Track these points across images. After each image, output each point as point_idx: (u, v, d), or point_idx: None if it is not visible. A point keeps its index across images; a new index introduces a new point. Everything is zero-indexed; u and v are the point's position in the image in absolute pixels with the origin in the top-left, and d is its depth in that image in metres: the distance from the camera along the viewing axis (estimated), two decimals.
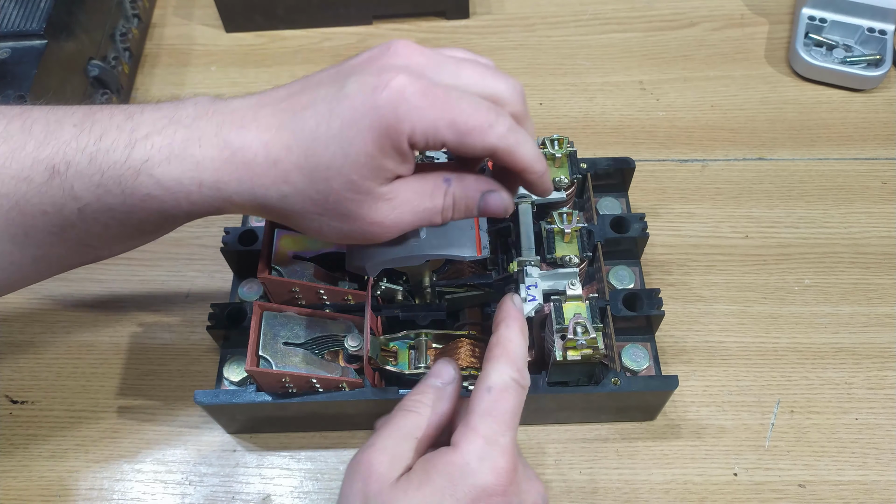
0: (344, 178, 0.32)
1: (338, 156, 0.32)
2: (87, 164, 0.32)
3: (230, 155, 0.32)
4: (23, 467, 0.48)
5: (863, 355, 0.50)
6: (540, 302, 0.42)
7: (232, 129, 0.33)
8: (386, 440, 0.35)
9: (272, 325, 0.43)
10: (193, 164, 0.32)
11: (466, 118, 0.32)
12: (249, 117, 0.33)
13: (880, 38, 0.63)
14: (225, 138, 0.33)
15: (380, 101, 0.31)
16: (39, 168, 0.33)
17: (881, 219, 0.56)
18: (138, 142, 0.33)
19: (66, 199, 0.33)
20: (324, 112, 0.32)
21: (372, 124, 0.31)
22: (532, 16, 0.70)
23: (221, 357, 0.49)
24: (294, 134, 0.32)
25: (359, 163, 0.32)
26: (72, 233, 0.34)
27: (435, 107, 0.31)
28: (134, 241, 0.37)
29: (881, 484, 0.46)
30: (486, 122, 0.32)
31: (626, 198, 0.54)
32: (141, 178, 0.32)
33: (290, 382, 0.42)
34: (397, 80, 0.31)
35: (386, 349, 0.44)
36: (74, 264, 0.38)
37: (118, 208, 0.33)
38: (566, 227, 0.45)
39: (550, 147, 0.48)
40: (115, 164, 0.32)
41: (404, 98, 0.31)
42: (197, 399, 0.43)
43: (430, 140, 0.32)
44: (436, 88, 0.32)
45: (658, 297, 0.46)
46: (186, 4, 0.72)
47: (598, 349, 0.39)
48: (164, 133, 0.33)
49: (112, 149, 0.32)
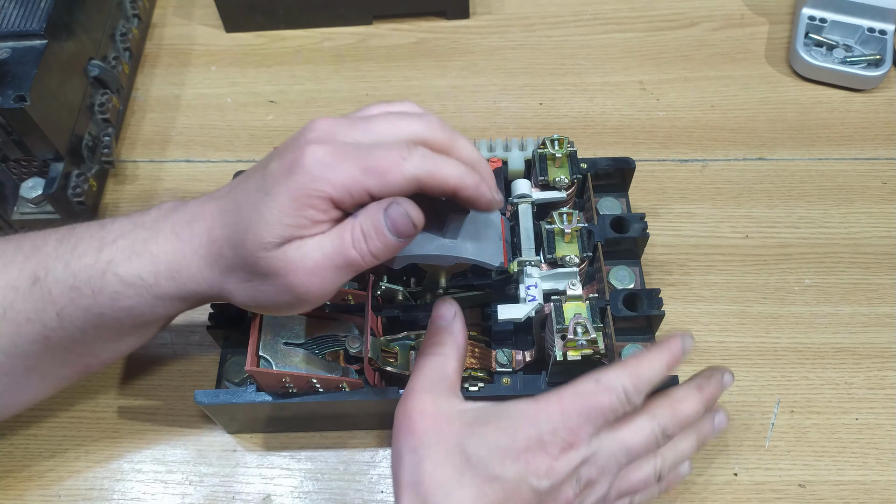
0: (256, 237, 0.34)
1: (253, 219, 0.34)
2: (63, 269, 0.37)
3: (181, 246, 0.36)
4: (23, 467, 0.48)
5: (863, 355, 0.50)
6: (540, 302, 0.42)
7: (184, 225, 0.37)
8: (422, 382, 0.38)
9: (272, 325, 0.43)
10: (150, 258, 0.36)
11: (378, 161, 0.34)
12: (198, 212, 0.37)
13: (880, 38, 0.63)
14: (178, 233, 0.36)
15: (294, 169, 0.33)
16: (24, 276, 0.37)
17: (881, 219, 0.56)
18: (106, 245, 0.37)
19: (45, 304, 0.37)
20: (251, 189, 0.35)
21: (289, 189, 0.33)
22: (532, 16, 0.70)
23: (221, 357, 0.49)
24: (225, 214, 0.36)
25: (270, 221, 0.33)
26: (54, 338, 0.38)
27: (347, 160, 0.34)
28: (116, 345, 0.40)
29: (881, 484, 0.46)
30: (398, 157, 0.34)
31: (626, 198, 0.54)
32: (107, 276, 0.36)
33: (291, 382, 0.42)
34: (310, 149, 0.34)
35: (386, 350, 0.44)
36: (67, 376, 0.41)
37: (91, 309, 0.37)
38: (566, 227, 0.45)
39: (550, 147, 0.48)
40: (85, 267, 0.36)
41: (317, 161, 0.33)
42: (197, 399, 0.43)
43: (354, 192, 0.34)
44: (346, 146, 0.34)
45: (658, 298, 0.46)
46: (186, 4, 0.72)
47: (599, 349, 0.39)
48: (128, 236, 0.37)
49: (84, 253, 0.37)
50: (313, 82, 0.66)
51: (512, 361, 0.45)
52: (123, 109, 0.63)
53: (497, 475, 0.35)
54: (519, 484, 0.35)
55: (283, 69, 0.67)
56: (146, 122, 0.64)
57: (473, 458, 0.35)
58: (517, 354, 0.45)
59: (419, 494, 0.35)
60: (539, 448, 0.35)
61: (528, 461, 0.35)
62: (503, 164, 0.50)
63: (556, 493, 0.36)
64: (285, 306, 0.36)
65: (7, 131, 0.51)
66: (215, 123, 0.64)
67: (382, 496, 0.46)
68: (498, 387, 0.43)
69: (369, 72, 0.66)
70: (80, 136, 0.56)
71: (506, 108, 0.64)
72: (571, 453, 0.36)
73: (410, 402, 0.38)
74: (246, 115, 0.64)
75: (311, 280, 0.34)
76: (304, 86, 0.66)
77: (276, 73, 0.67)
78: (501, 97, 0.64)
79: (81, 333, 0.38)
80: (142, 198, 0.59)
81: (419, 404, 0.37)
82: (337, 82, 0.66)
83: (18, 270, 0.37)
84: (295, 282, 0.34)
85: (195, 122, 0.64)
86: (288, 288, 0.35)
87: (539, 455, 0.35)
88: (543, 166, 0.48)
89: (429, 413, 0.37)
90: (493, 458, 0.35)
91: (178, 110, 0.65)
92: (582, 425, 0.36)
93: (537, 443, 0.35)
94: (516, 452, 0.35)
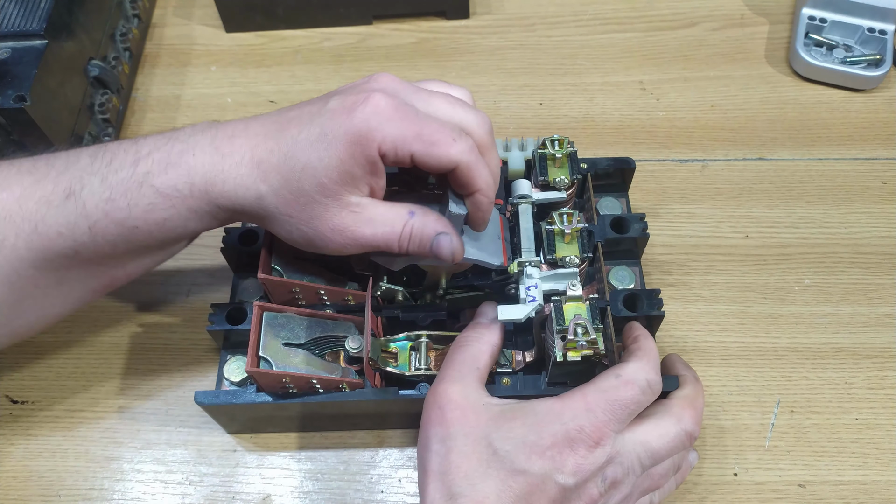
0: (315, 179, 0.36)
1: (312, 159, 0.35)
2: (99, 183, 0.37)
3: (219, 159, 0.37)
4: (23, 467, 0.48)
5: (863, 355, 0.50)
6: (540, 303, 0.42)
7: (224, 140, 0.37)
8: (453, 372, 0.39)
9: (272, 326, 0.43)
10: (186, 169, 0.37)
11: (432, 132, 0.36)
12: (240, 129, 0.38)
13: (880, 38, 0.63)
14: (216, 147, 0.37)
15: (356, 113, 0.35)
16: (58, 190, 0.37)
17: (881, 219, 0.56)
18: (142, 159, 0.37)
19: (77, 218, 0.37)
20: (306, 122, 0.36)
21: (347, 132, 0.35)
22: (532, 16, 0.70)
23: (222, 357, 0.49)
24: (277, 141, 0.36)
25: (331, 167, 0.35)
26: (84, 253, 0.38)
27: (405, 120, 0.35)
28: (143, 259, 0.41)
29: (881, 484, 0.46)
30: (449, 137, 0.36)
31: (626, 198, 0.54)
32: (143, 189, 0.37)
33: (291, 383, 0.42)
34: (374, 97, 0.35)
35: (386, 350, 0.44)
36: (94, 290, 0.41)
37: (125, 223, 0.37)
38: (566, 227, 0.45)
39: (551, 147, 0.48)
40: (121, 181, 0.37)
41: (378, 111, 0.35)
42: (197, 399, 0.43)
43: (399, 150, 0.35)
44: (407, 107, 0.36)
45: (658, 298, 0.46)
46: (186, 4, 0.72)
47: (599, 350, 0.39)
48: (163, 149, 0.37)
49: (119, 167, 0.37)
50: (313, 82, 0.66)
51: (512, 362, 0.45)
52: (123, 109, 0.63)
53: (523, 469, 0.35)
54: (545, 479, 0.35)
55: (282, 69, 0.67)
56: (146, 122, 0.64)
57: (500, 451, 0.36)
58: (517, 355, 0.45)
59: (445, 484, 0.36)
60: (566, 445, 0.36)
61: (555, 458, 0.36)
62: (503, 164, 0.49)
63: (581, 490, 0.36)
64: (307, 244, 0.38)
65: (7, 131, 0.51)
66: None
67: (382, 496, 0.46)
68: (498, 387, 0.43)
69: (369, 72, 0.65)
70: (81, 136, 0.56)
71: (506, 108, 0.64)
72: (598, 451, 0.36)
73: (440, 390, 0.39)
74: (246, 114, 0.63)
75: (349, 242, 0.37)
76: (304, 86, 0.66)
77: (276, 73, 0.67)
78: (501, 97, 0.64)
79: (112, 247, 0.38)
80: None
81: (449, 393, 0.38)
82: (337, 82, 0.66)
83: (52, 185, 0.37)
84: (337, 239, 0.37)
85: (195, 121, 0.63)
86: (325, 238, 0.37)
87: (566, 452, 0.36)
88: (543, 166, 0.48)
89: (457, 403, 0.38)
90: (518, 452, 0.36)
91: (178, 110, 0.65)
92: (607, 422, 0.36)
93: (564, 440, 0.36)
94: (542, 448, 0.36)
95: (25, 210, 0.37)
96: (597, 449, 0.36)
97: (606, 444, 0.36)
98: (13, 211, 0.37)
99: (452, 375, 0.39)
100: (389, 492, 0.46)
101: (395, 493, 0.46)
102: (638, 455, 0.38)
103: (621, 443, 0.37)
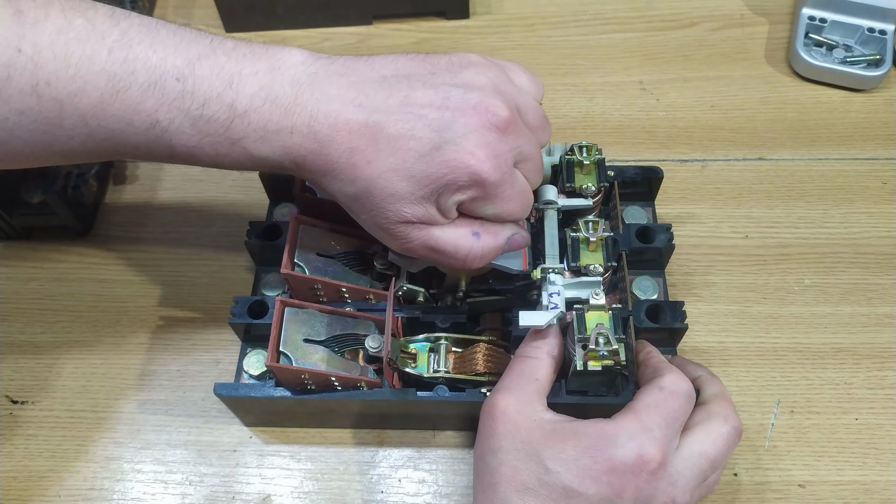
0: (404, 182, 0.35)
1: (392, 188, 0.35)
2: (189, 126, 0.35)
3: (318, 147, 0.35)
4: (23, 467, 0.48)
5: (863, 355, 0.50)
6: (562, 310, 0.41)
7: (324, 124, 0.35)
8: (511, 384, 0.39)
9: (293, 321, 0.43)
10: (282, 148, 0.35)
11: (507, 212, 0.38)
12: (341, 112, 0.35)
13: (880, 38, 0.63)
14: (315, 132, 0.35)
15: (476, 154, 0.35)
16: (143, 118, 0.34)
17: (881, 219, 0.56)
18: (237, 117, 0.35)
19: (161, 148, 0.35)
20: (419, 128, 0.35)
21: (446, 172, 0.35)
22: (532, 16, 0.70)
23: (241, 350, 0.49)
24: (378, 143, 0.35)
25: (423, 181, 0.35)
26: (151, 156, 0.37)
27: (498, 194, 0.37)
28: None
29: (881, 484, 0.46)
30: (513, 217, 0.38)
31: (652, 207, 0.54)
32: (235, 148, 0.35)
33: (310, 379, 0.42)
34: (482, 161, 0.35)
35: (405, 351, 0.44)
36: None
37: (207, 162, 0.36)
38: (591, 235, 0.44)
39: (578, 153, 0.46)
40: (213, 133, 0.35)
41: (482, 177, 0.35)
42: (216, 391, 0.43)
43: (470, 208, 0.37)
44: (503, 181, 0.36)
45: (682, 310, 0.45)
46: (186, 4, 0.72)
47: (620, 360, 0.39)
48: (260, 111, 0.35)
49: (213, 118, 0.35)
50: None
51: None
52: None
53: (578, 491, 0.35)
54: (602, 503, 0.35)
55: None
56: None
57: (552, 470, 0.35)
58: None
59: (496, 497, 0.36)
60: (626, 470, 0.35)
61: (612, 483, 0.35)
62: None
63: None
64: (375, 236, 0.39)
65: None
66: None
67: (382, 496, 0.46)
68: None
69: None
70: None
71: None
72: (660, 473, 0.35)
73: (494, 400, 0.38)
74: None
75: (406, 247, 0.38)
76: None
77: None
78: None
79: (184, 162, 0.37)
80: (142, 198, 0.59)
81: (502, 405, 0.38)
82: None
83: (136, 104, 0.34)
84: (399, 237, 0.38)
85: None
86: (390, 235, 0.38)
87: (626, 477, 0.35)
88: (570, 173, 0.47)
89: (511, 417, 0.37)
90: (571, 474, 0.35)
91: None
92: (664, 438, 0.36)
93: (622, 465, 0.35)
94: (598, 473, 0.35)
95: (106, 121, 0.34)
96: (659, 471, 0.35)
97: (668, 466, 0.36)
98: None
99: (507, 386, 0.39)
100: (389, 492, 0.46)
101: (395, 493, 0.46)
102: (699, 468, 0.37)
103: (680, 460, 0.36)
